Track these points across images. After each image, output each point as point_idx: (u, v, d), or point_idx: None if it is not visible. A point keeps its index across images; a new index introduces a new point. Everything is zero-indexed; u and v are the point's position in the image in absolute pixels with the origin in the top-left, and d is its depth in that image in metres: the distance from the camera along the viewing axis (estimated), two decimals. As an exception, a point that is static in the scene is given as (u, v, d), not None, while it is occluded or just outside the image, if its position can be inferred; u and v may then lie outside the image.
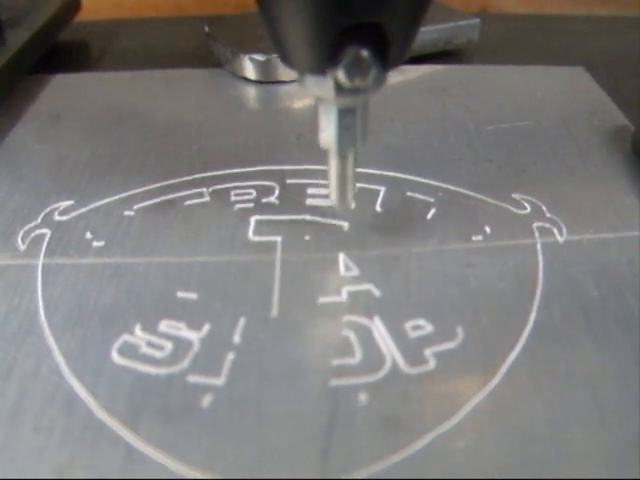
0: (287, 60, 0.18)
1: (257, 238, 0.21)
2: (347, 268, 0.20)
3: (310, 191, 0.23)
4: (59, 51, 0.36)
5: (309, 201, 0.23)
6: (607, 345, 0.17)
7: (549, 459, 0.14)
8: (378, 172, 0.24)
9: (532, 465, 0.14)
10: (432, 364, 0.17)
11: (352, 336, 0.18)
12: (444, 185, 0.24)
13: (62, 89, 0.31)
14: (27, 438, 0.15)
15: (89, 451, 0.15)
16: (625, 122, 0.28)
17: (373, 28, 0.16)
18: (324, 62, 0.16)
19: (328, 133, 0.19)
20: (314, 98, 0.18)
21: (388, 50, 0.16)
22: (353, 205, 0.21)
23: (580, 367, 0.17)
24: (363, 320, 0.18)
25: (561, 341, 0.17)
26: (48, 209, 0.22)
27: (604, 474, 0.14)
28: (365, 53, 0.16)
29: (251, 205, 0.23)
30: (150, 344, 0.17)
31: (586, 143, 0.26)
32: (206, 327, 0.18)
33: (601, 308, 0.18)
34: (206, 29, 0.34)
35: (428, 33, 0.34)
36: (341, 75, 0.16)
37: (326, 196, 0.22)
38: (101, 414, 0.15)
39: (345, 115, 0.18)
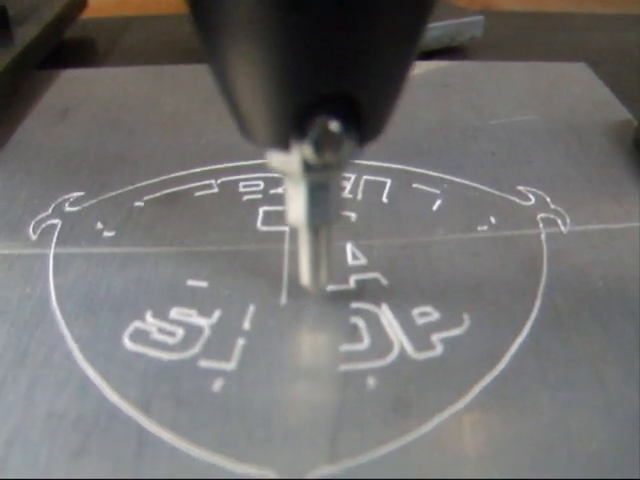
0: (245, 131, 0.15)
1: (265, 228, 0.21)
2: (355, 257, 0.20)
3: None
4: (66, 47, 0.37)
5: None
6: (611, 331, 0.18)
7: (554, 441, 0.15)
8: (384, 164, 0.25)
9: (537, 447, 0.15)
10: (439, 350, 0.17)
11: (360, 323, 0.18)
12: (449, 177, 0.24)
13: (70, 84, 0.31)
14: (41, 423, 0.15)
15: (103, 435, 0.15)
16: (627, 116, 0.28)
17: (344, 98, 0.14)
18: (288, 135, 0.14)
19: (297, 209, 0.16)
20: (279, 172, 0.16)
21: (362, 122, 0.14)
22: (328, 285, 0.19)
23: (584, 352, 0.17)
24: (371, 307, 0.18)
25: (565, 327, 0.18)
26: (58, 200, 0.23)
27: (608, 456, 0.14)
28: (336, 125, 0.13)
29: (259, 196, 0.23)
30: (161, 330, 0.18)
31: (589, 136, 0.27)
32: (216, 314, 0.18)
33: (604, 296, 0.19)
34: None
35: (433, 30, 0.34)
36: (308, 150, 0.14)
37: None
38: (114, 399, 0.16)
39: (316, 190, 0.16)
